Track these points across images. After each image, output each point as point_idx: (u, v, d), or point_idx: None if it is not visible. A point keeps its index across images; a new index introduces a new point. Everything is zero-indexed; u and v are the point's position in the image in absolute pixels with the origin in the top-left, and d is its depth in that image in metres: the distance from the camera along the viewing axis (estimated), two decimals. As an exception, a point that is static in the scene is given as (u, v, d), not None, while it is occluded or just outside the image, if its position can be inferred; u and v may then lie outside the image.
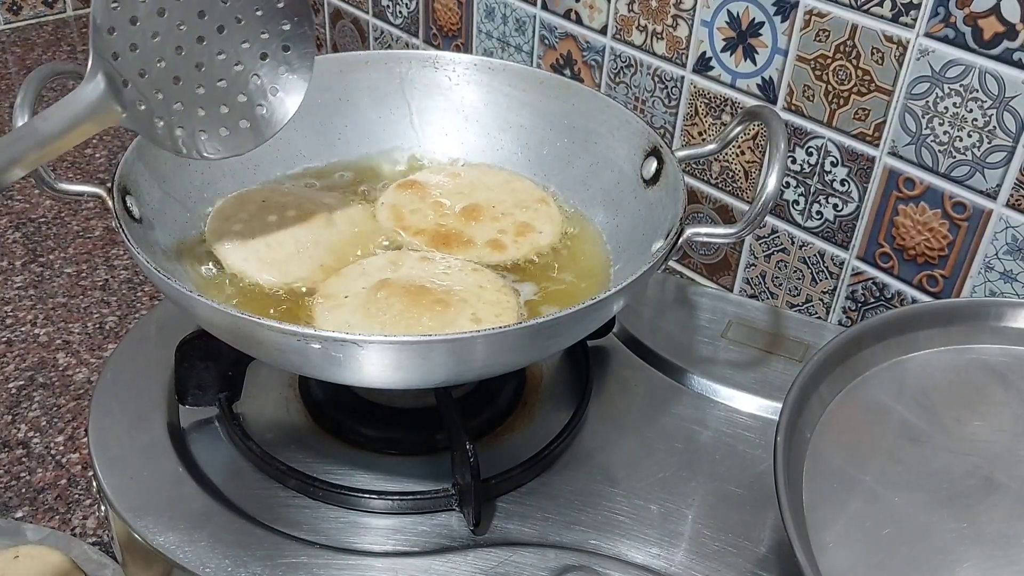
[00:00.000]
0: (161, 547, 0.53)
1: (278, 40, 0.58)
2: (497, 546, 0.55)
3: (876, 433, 0.57)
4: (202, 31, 0.55)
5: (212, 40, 0.55)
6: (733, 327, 0.73)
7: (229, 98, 0.57)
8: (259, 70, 0.57)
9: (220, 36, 0.56)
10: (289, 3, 0.57)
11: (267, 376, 0.65)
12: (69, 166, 0.96)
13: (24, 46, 1.21)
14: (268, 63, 0.58)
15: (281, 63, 0.58)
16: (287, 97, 0.59)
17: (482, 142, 0.74)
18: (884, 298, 0.75)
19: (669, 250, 0.55)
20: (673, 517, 0.58)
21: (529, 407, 0.65)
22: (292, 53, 0.58)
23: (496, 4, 0.93)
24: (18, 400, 0.79)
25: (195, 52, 0.55)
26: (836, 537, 0.51)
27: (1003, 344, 0.62)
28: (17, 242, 0.85)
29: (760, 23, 0.74)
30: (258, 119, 0.58)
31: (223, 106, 0.57)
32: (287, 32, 0.58)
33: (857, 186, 0.73)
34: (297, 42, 0.58)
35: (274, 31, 0.57)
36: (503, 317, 0.59)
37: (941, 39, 0.65)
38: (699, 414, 0.66)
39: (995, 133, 0.64)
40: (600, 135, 0.69)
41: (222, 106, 0.57)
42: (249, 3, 0.56)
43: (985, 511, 0.52)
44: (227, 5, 0.55)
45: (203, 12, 0.54)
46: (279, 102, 0.59)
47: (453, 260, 0.63)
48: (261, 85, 0.58)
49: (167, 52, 0.54)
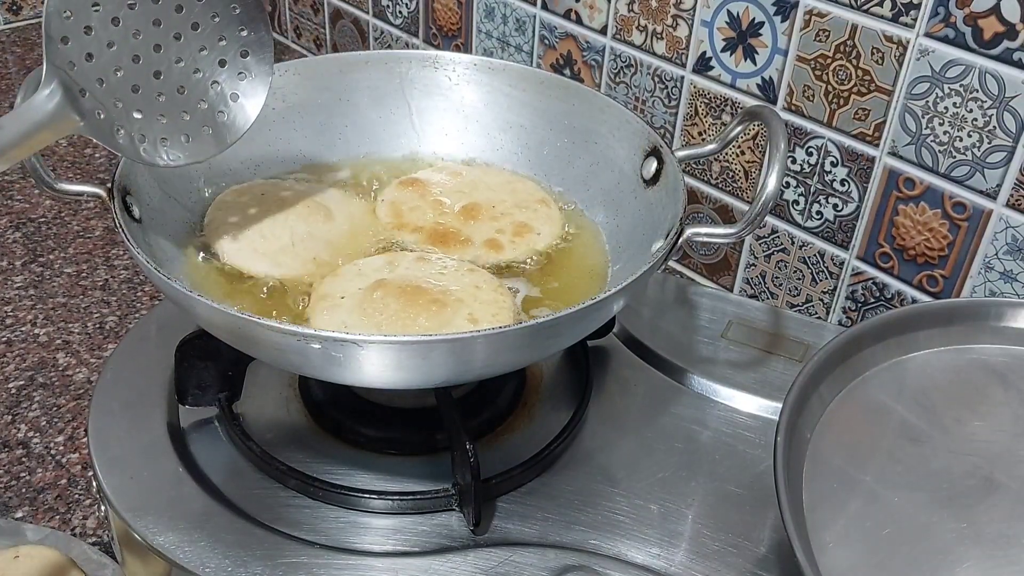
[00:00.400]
0: (161, 547, 0.53)
1: (236, 46, 0.58)
2: (497, 546, 0.55)
3: (876, 433, 0.57)
4: (159, 39, 0.55)
5: (170, 48, 0.55)
6: (733, 327, 0.73)
7: (190, 105, 0.57)
8: (218, 76, 0.58)
9: (178, 43, 0.56)
10: (245, 8, 0.57)
11: (267, 376, 0.65)
12: (69, 166, 0.96)
13: (24, 46, 1.21)
14: (227, 69, 0.58)
15: (240, 69, 0.58)
16: (247, 102, 0.59)
17: (482, 142, 0.74)
18: (884, 298, 0.75)
19: (669, 250, 0.55)
20: (673, 517, 0.58)
21: (529, 407, 0.65)
22: (251, 59, 0.59)
23: (496, 4, 0.93)
24: (18, 400, 0.79)
25: (153, 60, 0.55)
26: (836, 537, 0.51)
27: (1003, 344, 0.62)
28: (17, 242, 0.85)
29: (760, 23, 0.74)
30: (220, 125, 0.58)
31: (184, 113, 0.57)
32: (245, 38, 0.58)
33: (857, 186, 0.73)
34: (255, 48, 0.58)
35: (232, 37, 0.57)
36: (499, 317, 0.59)
37: (941, 39, 0.65)
38: (699, 414, 0.66)
39: (995, 133, 0.64)
40: (600, 135, 0.69)
41: (183, 113, 0.57)
42: (206, 10, 0.56)
43: (985, 511, 0.52)
44: (183, 13, 0.55)
45: (159, 20, 0.54)
46: (240, 108, 0.59)
47: (449, 260, 0.63)
48: (221, 91, 0.58)
49: (124, 60, 0.54)
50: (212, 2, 0.56)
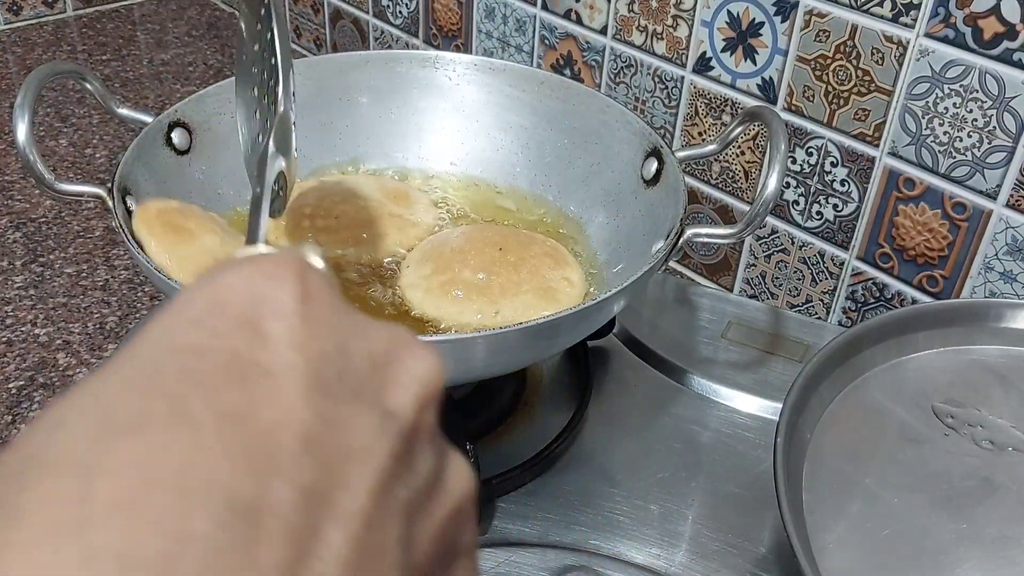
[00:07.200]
0: (161, 547, 0.53)
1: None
2: (497, 546, 0.55)
3: (876, 434, 0.57)
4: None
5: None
6: (733, 327, 0.74)
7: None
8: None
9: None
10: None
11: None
12: (69, 166, 0.96)
13: (24, 46, 1.21)
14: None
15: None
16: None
17: (482, 142, 0.74)
18: (884, 298, 0.75)
19: (669, 250, 0.55)
20: (673, 517, 0.58)
21: (529, 407, 0.65)
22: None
23: (496, 4, 0.93)
24: (18, 400, 0.79)
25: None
26: (836, 538, 0.51)
27: (1003, 345, 0.62)
28: (17, 242, 0.85)
29: (760, 23, 0.74)
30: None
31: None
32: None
33: (857, 186, 0.73)
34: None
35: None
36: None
37: (941, 39, 0.65)
38: (699, 414, 0.66)
39: (995, 133, 0.64)
40: (600, 135, 0.69)
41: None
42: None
43: (985, 512, 0.52)
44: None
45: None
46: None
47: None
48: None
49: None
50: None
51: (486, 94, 0.74)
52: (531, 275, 0.61)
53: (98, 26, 1.27)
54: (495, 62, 0.73)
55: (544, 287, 0.61)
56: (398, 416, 0.23)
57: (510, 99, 0.73)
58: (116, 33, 1.26)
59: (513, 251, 0.62)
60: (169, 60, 1.20)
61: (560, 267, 0.63)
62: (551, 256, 0.64)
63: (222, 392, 0.21)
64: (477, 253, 0.62)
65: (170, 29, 1.28)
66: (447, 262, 0.62)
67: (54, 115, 1.04)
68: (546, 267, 0.62)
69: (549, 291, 0.61)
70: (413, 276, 0.62)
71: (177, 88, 1.13)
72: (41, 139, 1.00)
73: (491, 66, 0.73)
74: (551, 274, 0.62)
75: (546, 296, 0.60)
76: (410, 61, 0.74)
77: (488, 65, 0.73)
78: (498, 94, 0.73)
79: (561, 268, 0.63)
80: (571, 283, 0.62)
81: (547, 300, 0.60)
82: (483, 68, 0.73)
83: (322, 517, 0.20)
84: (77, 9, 1.30)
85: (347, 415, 0.22)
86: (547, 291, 0.61)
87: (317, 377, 0.22)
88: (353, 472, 0.21)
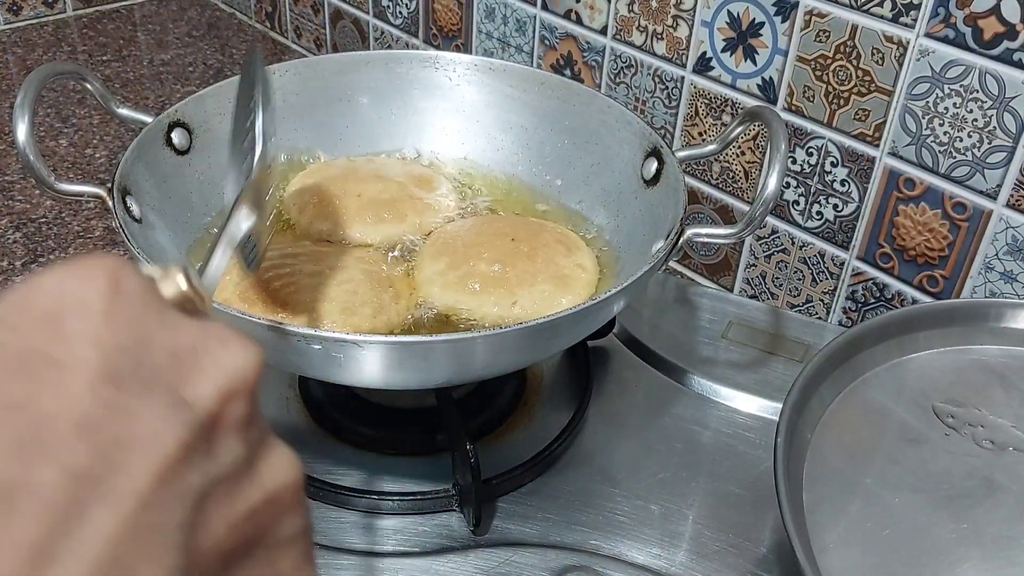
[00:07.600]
0: (161, 547, 0.53)
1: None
2: (497, 546, 0.55)
3: (876, 434, 0.57)
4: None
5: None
6: (733, 327, 0.73)
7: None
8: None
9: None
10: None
11: (267, 376, 0.64)
12: (69, 166, 0.96)
13: (24, 46, 1.21)
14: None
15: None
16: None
17: (483, 142, 0.74)
18: (884, 298, 0.75)
19: (669, 250, 0.55)
20: (673, 517, 0.58)
21: (529, 407, 0.65)
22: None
23: (496, 4, 0.93)
24: (18, 400, 0.79)
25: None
26: (836, 538, 0.51)
27: (1003, 345, 0.62)
28: (17, 242, 0.85)
29: (760, 23, 0.74)
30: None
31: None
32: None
33: (857, 186, 0.73)
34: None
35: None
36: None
37: (941, 39, 0.65)
38: (699, 414, 0.66)
39: (995, 133, 0.64)
40: (601, 136, 0.69)
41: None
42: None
43: (985, 512, 0.52)
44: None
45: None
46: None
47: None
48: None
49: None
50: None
51: (486, 94, 0.74)
52: (546, 264, 0.61)
53: (98, 26, 1.27)
54: (495, 62, 0.73)
55: (559, 275, 0.61)
56: (195, 406, 0.25)
57: (510, 99, 0.73)
58: (116, 33, 1.26)
59: (525, 240, 0.63)
60: (169, 60, 1.19)
61: (572, 253, 0.63)
62: (562, 243, 0.64)
63: (6, 384, 0.22)
64: (490, 245, 0.62)
65: (170, 30, 1.28)
66: (462, 256, 0.62)
67: (54, 115, 1.04)
68: (559, 255, 0.63)
69: (564, 279, 0.61)
70: (428, 272, 0.62)
71: (177, 88, 1.13)
72: (41, 139, 1.00)
73: (491, 66, 0.73)
74: (564, 261, 0.62)
75: (562, 284, 0.60)
76: (410, 61, 0.74)
77: (488, 65, 0.73)
78: (498, 94, 0.73)
79: (573, 254, 0.63)
80: (584, 269, 0.63)
81: (563, 288, 0.60)
82: (483, 68, 0.73)
83: (91, 498, 0.21)
84: (77, 9, 1.30)
85: (136, 405, 0.23)
86: (562, 279, 0.61)
87: (109, 369, 0.23)
88: (134, 457, 0.22)
